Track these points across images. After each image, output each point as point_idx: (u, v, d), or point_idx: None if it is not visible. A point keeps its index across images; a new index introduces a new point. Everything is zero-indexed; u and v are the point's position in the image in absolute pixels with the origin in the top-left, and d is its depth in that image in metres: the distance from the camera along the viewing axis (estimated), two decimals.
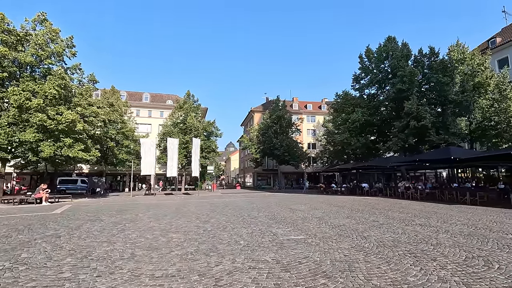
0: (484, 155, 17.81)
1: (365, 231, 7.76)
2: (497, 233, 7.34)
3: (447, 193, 17.36)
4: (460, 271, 4.41)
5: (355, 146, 27.55)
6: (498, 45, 29.74)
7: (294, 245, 6.23)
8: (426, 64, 25.93)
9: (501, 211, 11.89)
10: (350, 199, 19.99)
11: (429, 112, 22.69)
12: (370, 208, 13.49)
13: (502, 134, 22.68)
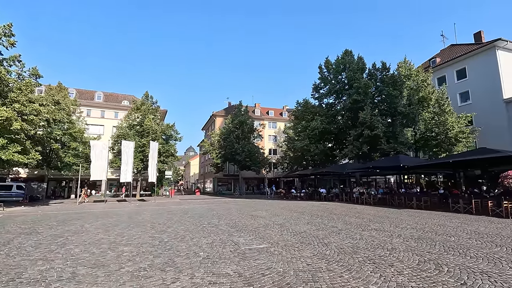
0: (427, 163, 19.57)
1: (326, 237, 7.85)
2: (442, 235, 7.93)
3: (396, 198, 18.66)
4: (415, 276, 4.58)
5: (314, 153, 28.47)
6: (438, 65, 33.27)
7: (257, 255, 6.02)
8: (378, 77, 27.92)
9: (442, 215, 13.03)
10: (309, 204, 20.47)
11: (381, 122, 24.37)
12: (329, 214, 13.88)
13: (441, 144, 25.20)
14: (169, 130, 36.43)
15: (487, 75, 28.43)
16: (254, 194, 45.48)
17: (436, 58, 35.09)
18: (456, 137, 24.45)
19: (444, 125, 24.60)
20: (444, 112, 25.20)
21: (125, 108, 41.95)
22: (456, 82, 31.21)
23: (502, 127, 26.80)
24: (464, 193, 17.82)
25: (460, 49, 33.26)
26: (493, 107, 27.44)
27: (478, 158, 14.38)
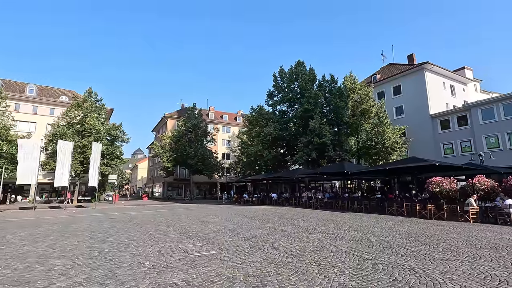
0: (367, 169, 21.38)
1: (275, 241, 8.03)
2: (378, 236, 8.70)
3: (340, 202, 19.99)
4: (355, 275, 4.93)
5: (267, 158, 29.12)
6: (378, 81, 36.89)
7: (207, 262, 5.89)
8: (327, 89, 29.86)
9: (379, 217, 14.33)
10: (261, 209, 20.78)
11: (329, 131, 26.05)
12: (279, 218, 14.26)
13: (379, 152, 27.90)
14: (115, 131, 33.90)
15: (417, 93, 32.35)
16: (205, 199, 44.63)
17: (377, 75, 38.82)
18: (392, 147, 27.25)
19: (382, 136, 27.24)
20: (382, 124, 27.94)
21: (64, 104, 37.96)
22: (393, 97, 34.90)
23: (429, 138, 30.67)
24: (397, 197, 19.87)
25: (396, 68, 37.33)
26: (422, 121, 31.29)
27: (409, 166, 16.20)
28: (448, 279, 4.66)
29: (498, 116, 25.75)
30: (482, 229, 10.20)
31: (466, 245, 7.35)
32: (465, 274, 4.92)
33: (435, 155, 28.48)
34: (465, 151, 28.05)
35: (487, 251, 6.66)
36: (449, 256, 6.23)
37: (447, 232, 9.56)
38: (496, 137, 25.73)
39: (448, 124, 29.70)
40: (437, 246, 7.22)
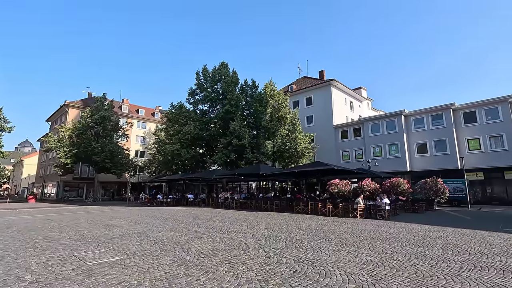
0: (280, 171, 23.08)
1: (188, 243, 7.88)
2: (285, 233, 9.49)
3: (255, 202, 20.96)
4: (261, 270, 5.27)
5: (185, 158, 28.24)
6: (294, 91, 40.35)
7: (108, 269, 5.34)
8: (249, 93, 30.99)
9: (288, 215, 15.63)
10: (175, 210, 19.99)
11: (248, 133, 27.05)
12: (194, 219, 14.01)
13: (292, 156, 30.48)
14: None
15: (325, 105, 36.70)
16: (113, 200, 40.23)
17: (293, 85, 42.39)
18: (302, 152, 30.08)
19: (295, 141, 29.81)
20: (295, 130, 30.60)
21: None
22: (305, 107, 38.65)
23: (331, 146, 35.09)
24: (304, 197, 22.05)
25: (309, 81, 41.52)
26: (327, 131, 35.60)
27: (314, 169, 18.21)
28: (337, 267, 5.45)
29: (382, 130, 31.44)
30: (366, 224, 12.27)
31: (352, 237, 8.71)
32: (349, 262, 5.84)
33: (336, 161, 32.83)
34: (358, 158, 33.20)
35: (367, 242, 8.05)
36: (339, 247, 7.28)
37: (340, 227, 11.14)
38: (380, 147, 31.34)
39: (347, 134, 34.67)
40: (331, 240, 8.33)
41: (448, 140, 27.46)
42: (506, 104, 25.42)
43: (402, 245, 7.51)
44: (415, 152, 29.55)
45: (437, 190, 20.88)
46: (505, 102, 25.46)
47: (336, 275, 4.97)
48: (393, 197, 19.36)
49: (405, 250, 6.94)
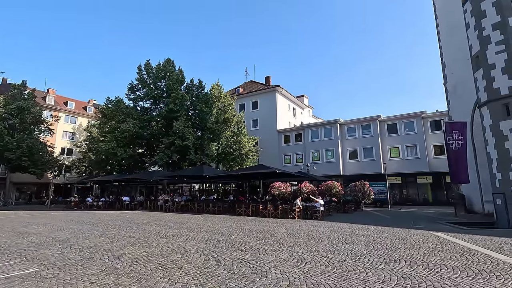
0: (224, 173, 23.04)
1: (120, 249, 7.31)
2: (226, 235, 9.50)
3: (197, 204, 20.50)
4: (199, 273, 5.19)
5: (121, 157, 26.18)
6: (240, 94, 40.83)
7: (18, 284, 4.63)
8: (195, 93, 30.29)
9: (230, 218, 15.66)
10: (107, 214, 18.33)
11: (192, 134, 26.38)
12: (128, 223, 13.06)
13: (236, 159, 30.72)
14: None
15: (270, 110, 37.94)
16: (31, 204, 35.03)
17: (240, 88, 42.87)
18: (246, 154, 30.55)
19: (239, 144, 30.12)
20: (240, 133, 30.96)
21: None
22: (251, 110, 39.41)
23: (275, 149, 36.38)
24: (247, 199, 22.38)
25: (256, 85, 42.49)
26: (271, 135, 36.83)
27: (257, 172, 18.65)
28: (273, 266, 5.67)
29: (320, 137, 33.83)
30: (302, 224, 13.02)
31: (289, 238, 9.16)
32: (285, 261, 6.12)
33: (278, 164, 34.13)
34: (298, 161, 35.08)
35: (302, 241, 8.55)
36: (277, 247, 7.59)
37: (278, 228, 11.61)
38: (318, 152, 33.67)
39: (289, 139, 36.39)
40: (269, 240, 8.63)
41: (375, 148, 30.88)
42: (420, 119, 29.74)
43: (332, 243, 8.17)
44: (348, 157, 32.49)
45: (364, 192, 23.28)
46: (419, 117, 29.77)
47: (271, 274, 5.16)
48: (327, 199, 20.93)
49: (335, 247, 7.58)
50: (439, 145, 27.58)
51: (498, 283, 4.62)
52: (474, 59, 14.33)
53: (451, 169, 16.69)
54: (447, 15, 20.37)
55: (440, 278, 4.87)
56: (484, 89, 13.46)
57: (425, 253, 6.86)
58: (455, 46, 19.01)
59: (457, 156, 16.12)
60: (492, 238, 8.95)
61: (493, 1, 13.30)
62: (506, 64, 12.66)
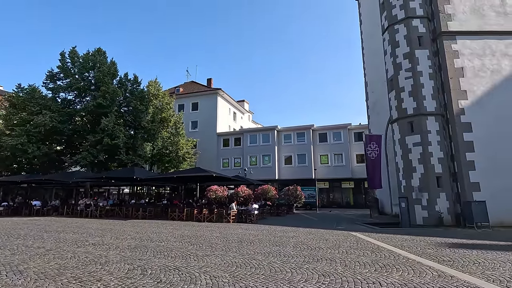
0: (158, 176, 21.83)
1: (23, 262, 6.27)
2: (155, 242, 8.99)
3: (124, 209, 18.91)
4: (121, 285, 4.78)
5: (33, 155, 22.55)
6: (180, 93, 39.44)
7: None
8: (129, 88, 28.07)
9: (161, 223, 14.87)
10: (11, 221, 15.54)
11: (123, 132, 24.33)
12: (38, 232, 11.30)
13: (172, 161, 29.40)
14: None
15: (210, 112, 37.53)
16: None
17: (180, 88, 41.44)
18: (184, 156, 29.53)
19: (176, 145, 28.97)
20: (178, 134, 29.82)
21: None
22: (191, 111, 38.40)
23: (214, 152, 36.03)
24: (181, 203, 21.58)
25: (197, 86, 41.63)
26: (210, 137, 36.40)
27: (193, 175, 18.20)
28: (203, 272, 5.58)
29: (258, 142, 34.83)
30: (236, 228, 13.14)
31: (222, 242, 9.15)
32: (216, 265, 6.09)
33: (217, 167, 33.90)
34: (236, 165, 35.42)
35: (235, 245, 8.62)
36: (209, 252, 7.50)
37: (212, 232, 11.49)
38: (256, 157, 34.57)
39: (228, 142, 36.52)
40: (202, 245, 8.48)
41: (307, 154, 33.16)
42: (346, 130, 33.07)
43: (264, 246, 8.45)
44: (283, 163, 34.15)
45: (297, 196, 24.72)
46: (345, 128, 33.10)
47: (201, 280, 5.08)
48: (262, 202, 21.59)
49: (265, 250, 7.85)
50: (360, 154, 31.08)
51: (397, 275, 5.40)
52: (389, 82, 16.67)
53: (368, 176, 18.97)
54: (370, 41, 23.26)
55: (353, 274, 5.47)
56: (395, 108, 15.74)
57: (343, 251, 7.62)
58: (375, 69, 21.77)
59: (373, 164, 18.41)
60: (396, 236, 10.44)
61: (405, 34, 15.73)
62: (412, 88, 15.06)
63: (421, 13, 15.82)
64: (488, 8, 15.57)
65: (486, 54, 14.95)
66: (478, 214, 12.45)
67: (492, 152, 13.64)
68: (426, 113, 14.58)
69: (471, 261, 6.53)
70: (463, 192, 13.56)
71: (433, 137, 14.32)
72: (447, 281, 5.00)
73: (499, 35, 15.15)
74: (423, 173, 14.11)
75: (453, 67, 14.77)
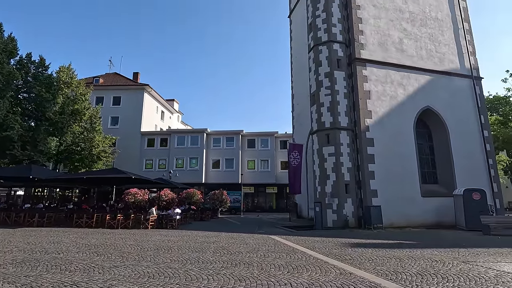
0: (63, 177, 18.94)
1: None
2: (51, 254, 7.68)
3: (14, 214, 15.71)
4: None
5: None
6: (100, 85, 35.34)
7: None
8: (32, 72, 23.70)
9: (64, 230, 12.86)
10: None
11: (19, 123, 20.37)
12: None
13: (84, 159, 25.89)
14: None
15: (134, 109, 34.67)
16: None
17: (100, 79, 37.19)
18: (99, 155, 26.35)
19: (90, 142, 25.69)
20: (94, 130, 26.51)
21: None
22: (111, 106, 34.77)
23: (136, 152, 33.30)
24: (92, 207, 19.12)
25: (121, 79, 38.03)
26: (133, 136, 33.54)
27: (107, 176, 16.40)
28: (108, 286, 4.98)
29: (186, 144, 33.70)
30: (155, 234, 12.30)
31: (136, 250, 8.41)
32: (125, 278, 5.52)
33: (138, 168, 31.36)
34: (161, 167, 33.46)
35: (150, 253, 8.02)
36: (118, 263, 6.77)
37: (126, 240, 10.47)
38: (183, 159, 33.32)
39: (154, 142, 34.28)
40: (111, 255, 7.62)
41: (235, 159, 33.61)
42: (273, 138, 34.78)
43: (182, 252, 8.10)
44: (211, 166, 33.80)
45: (222, 200, 24.72)
46: (272, 136, 34.80)
47: None
48: (186, 207, 20.85)
49: (184, 257, 7.52)
50: (284, 161, 33.02)
51: (307, 275, 5.83)
52: (311, 96, 18.26)
53: (290, 182, 20.28)
54: (299, 57, 25.15)
55: (268, 277, 5.67)
56: (316, 121, 17.30)
57: (261, 255, 7.87)
58: (301, 83, 23.57)
59: (294, 171, 19.78)
60: (310, 238, 11.36)
61: (326, 56, 17.52)
62: (330, 104, 16.81)
63: (340, 39, 17.90)
64: (390, 44, 18.62)
65: (387, 81, 17.79)
66: (375, 217, 14.55)
67: (387, 165, 16.19)
68: (340, 127, 16.44)
69: (366, 258, 7.52)
70: (365, 198, 15.68)
71: (345, 149, 16.21)
72: (346, 278, 5.63)
73: (397, 67, 18.24)
74: (335, 180, 15.80)
75: (362, 89, 17.09)
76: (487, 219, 13.29)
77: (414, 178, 16.75)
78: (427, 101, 18.35)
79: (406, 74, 18.36)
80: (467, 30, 21.05)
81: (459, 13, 21.19)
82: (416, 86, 18.38)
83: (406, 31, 19.27)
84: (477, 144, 18.86)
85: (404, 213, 15.67)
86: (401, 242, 10.50)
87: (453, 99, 19.00)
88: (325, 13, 18.14)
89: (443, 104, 18.61)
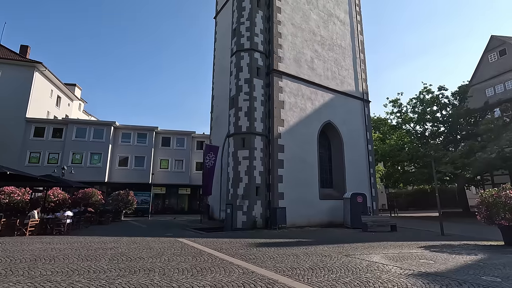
0: None
1: None
2: None
3: None
4: None
5: None
6: None
7: None
8: None
9: None
10: None
11: None
12: None
13: None
14: None
15: (19, 90, 28.44)
16: None
17: None
18: None
19: None
20: None
21: None
22: None
23: (17, 142, 27.30)
24: None
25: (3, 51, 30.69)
26: (13, 122, 27.42)
27: None
28: None
29: (88, 137, 29.49)
30: (35, 242, 10.27)
31: (4, 263, 6.83)
32: None
33: (19, 162, 25.76)
34: (52, 162, 28.29)
35: (24, 265, 6.63)
36: None
37: None
38: (82, 154, 28.99)
39: (43, 132, 28.75)
40: None
41: (147, 157, 31.26)
42: (189, 137, 33.82)
43: (70, 262, 6.99)
44: (117, 164, 30.50)
45: (127, 201, 22.55)
46: (189, 135, 33.83)
47: None
48: (81, 209, 18.19)
49: (70, 267, 6.50)
50: (200, 162, 32.50)
51: (211, 277, 5.82)
52: (231, 100, 18.58)
53: (203, 183, 20.05)
54: (221, 59, 25.28)
55: (170, 282, 5.42)
56: (233, 124, 17.66)
57: (165, 259, 7.48)
58: (222, 85, 23.71)
59: (208, 173, 19.66)
60: (218, 240, 11.44)
61: (247, 62, 18.16)
62: (247, 109, 17.43)
63: (261, 49, 18.84)
64: (303, 61, 20.63)
65: (298, 95, 19.60)
66: (280, 218, 15.71)
67: (294, 170, 17.78)
68: (255, 132, 17.21)
69: (268, 257, 8.03)
70: (273, 200, 16.78)
71: (258, 153, 17.04)
72: (248, 277, 5.86)
73: (308, 83, 20.32)
74: (247, 183, 16.39)
75: (278, 99, 18.36)
76: (365, 218, 16.00)
77: (314, 182, 18.87)
78: (329, 116, 21.03)
79: (314, 90, 20.63)
80: (362, 60, 25.17)
81: (357, 44, 25.16)
82: (322, 102, 20.86)
83: (317, 52, 21.70)
84: (363, 155, 22.67)
85: (305, 214, 17.46)
86: (299, 240, 11.63)
87: (348, 116, 22.33)
88: (249, 22, 18.81)
89: (341, 120, 21.66)
